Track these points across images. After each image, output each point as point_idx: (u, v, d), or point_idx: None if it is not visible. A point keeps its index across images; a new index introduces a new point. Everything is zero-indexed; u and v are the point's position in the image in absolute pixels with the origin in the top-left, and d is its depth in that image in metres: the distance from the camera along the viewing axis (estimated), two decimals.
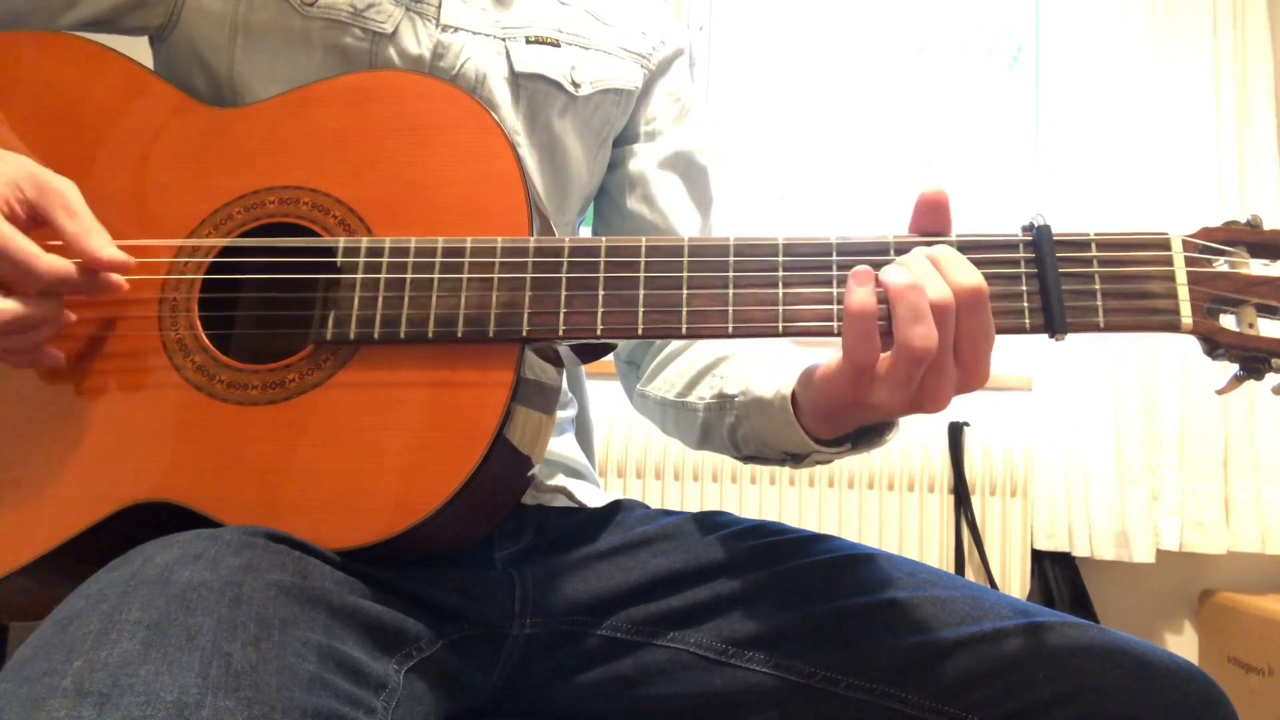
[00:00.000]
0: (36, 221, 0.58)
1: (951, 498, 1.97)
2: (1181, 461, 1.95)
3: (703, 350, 0.79)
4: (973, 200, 2.23)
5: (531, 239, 0.60)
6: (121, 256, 0.58)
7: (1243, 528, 1.92)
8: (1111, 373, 1.96)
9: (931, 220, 0.57)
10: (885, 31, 2.35)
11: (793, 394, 0.62)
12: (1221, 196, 1.96)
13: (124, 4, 0.75)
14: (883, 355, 0.53)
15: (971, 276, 0.52)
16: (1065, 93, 2.04)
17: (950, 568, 1.94)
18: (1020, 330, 0.55)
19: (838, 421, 0.61)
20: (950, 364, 0.53)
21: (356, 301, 0.59)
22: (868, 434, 0.63)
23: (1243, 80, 2.01)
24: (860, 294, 0.53)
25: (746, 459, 0.73)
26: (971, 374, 0.53)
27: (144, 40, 0.80)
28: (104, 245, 0.58)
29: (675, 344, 0.83)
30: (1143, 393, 1.96)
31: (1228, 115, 1.99)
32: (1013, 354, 2.08)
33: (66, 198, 0.58)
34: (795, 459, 0.67)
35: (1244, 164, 1.98)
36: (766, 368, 0.68)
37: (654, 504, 0.84)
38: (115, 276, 0.59)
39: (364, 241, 0.61)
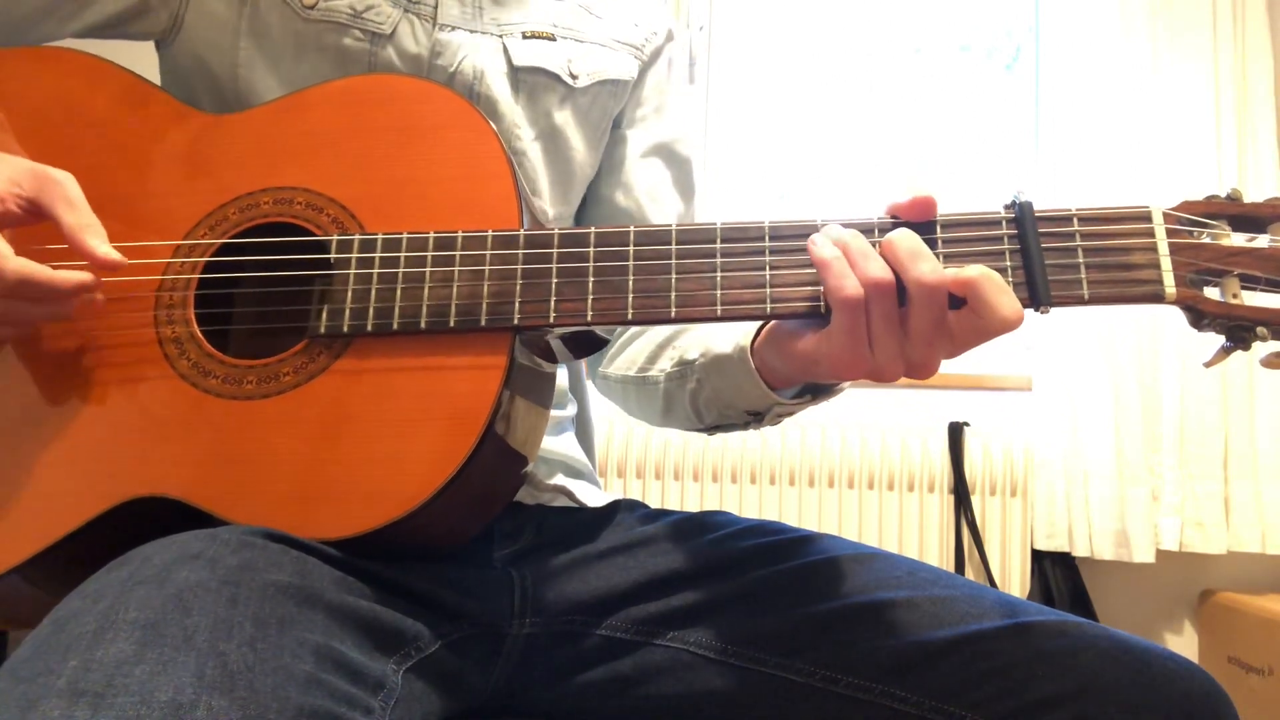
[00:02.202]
0: (36, 216, 0.58)
1: (951, 498, 1.97)
2: (1181, 461, 1.95)
3: (661, 328, 0.79)
4: (972, 201, 2.22)
5: (522, 230, 0.61)
6: (115, 256, 0.58)
7: (1243, 528, 1.92)
8: (1111, 372, 1.96)
9: (915, 217, 0.57)
10: (885, 32, 2.35)
11: (753, 350, 0.63)
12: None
13: (128, 10, 0.75)
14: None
15: (930, 273, 0.53)
16: (1065, 93, 2.04)
17: (950, 568, 1.93)
18: None
19: (800, 371, 0.61)
20: (904, 339, 0.54)
21: (350, 295, 0.60)
22: (825, 385, 0.64)
23: (1242, 80, 2.01)
24: (821, 244, 0.55)
25: (711, 429, 0.74)
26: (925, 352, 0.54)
27: (149, 47, 0.80)
28: (99, 243, 0.58)
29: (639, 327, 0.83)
30: (1142, 392, 1.96)
31: (1228, 115, 1.99)
32: (1012, 354, 2.09)
33: (65, 190, 0.58)
34: (757, 417, 0.68)
35: (1244, 164, 1.98)
36: (722, 329, 0.69)
37: (654, 504, 0.84)
38: (110, 256, 0.59)
39: (357, 236, 0.62)
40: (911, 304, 0.53)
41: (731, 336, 0.66)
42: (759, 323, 0.63)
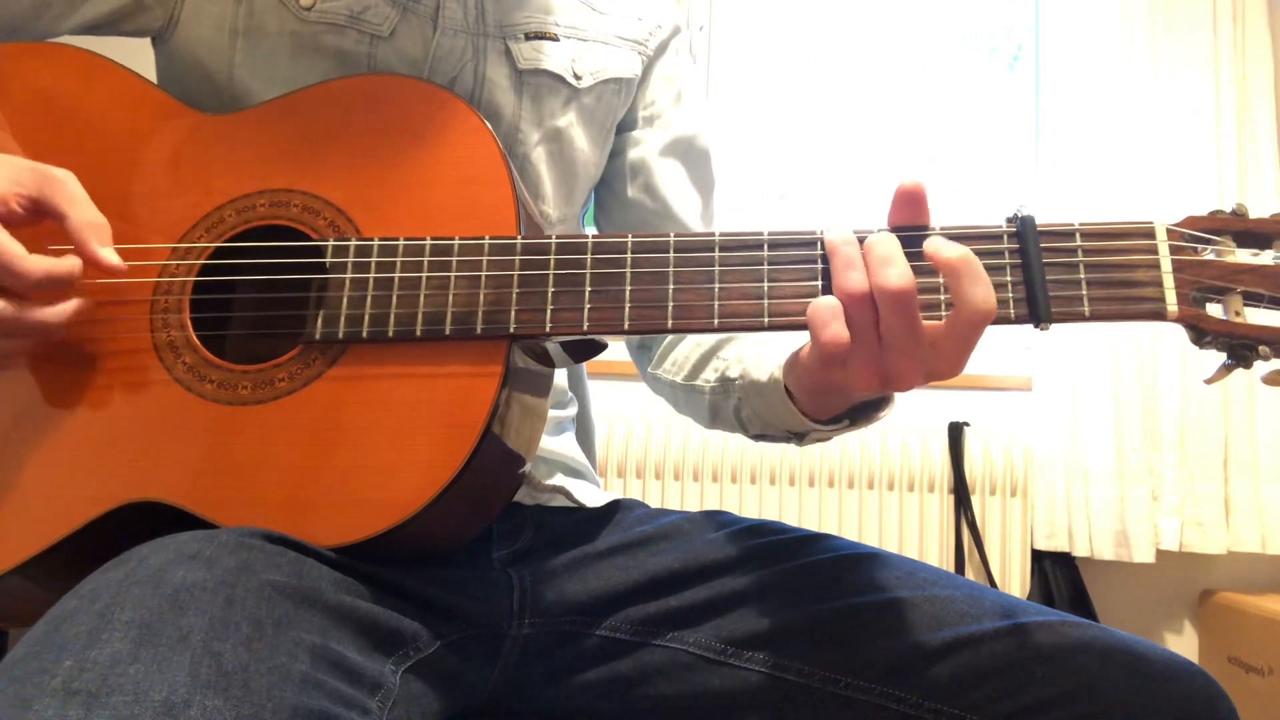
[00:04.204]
0: (39, 214, 0.58)
1: (951, 498, 1.97)
2: (1181, 461, 1.95)
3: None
4: (972, 200, 2.23)
5: (519, 237, 0.60)
6: (116, 261, 0.58)
7: (1243, 528, 1.92)
8: (1111, 372, 1.96)
9: (910, 213, 0.56)
10: (885, 31, 2.35)
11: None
12: (1221, 197, 1.96)
13: (124, 8, 0.75)
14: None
15: (894, 279, 0.52)
16: (1065, 93, 2.03)
17: (950, 568, 1.93)
18: (1005, 320, 0.55)
19: (822, 403, 0.62)
20: (880, 349, 0.53)
21: (345, 301, 0.60)
22: (865, 409, 0.64)
23: (1243, 80, 2.00)
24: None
25: (756, 437, 0.75)
26: (904, 364, 0.53)
27: (146, 44, 0.80)
28: (100, 245, 0.58)
29: None
30: (1143, 392, 1.96)
31: (1228, 115, 1.99)
32: (1012, 354, 2.08)
33: (68, 188, 0.58)
34: (798, 436, 0.68)
35: (1244, 164, 1.98)
36: (762, 350, 0.69)
37: (654, 504, 0.84)
38: (112, 262, 0.59)
39: (352, 241, 0.61)
40: (879, 311, 0.52)
41: (767, 365, 0.66)
42: (790, 350, 0.63)
